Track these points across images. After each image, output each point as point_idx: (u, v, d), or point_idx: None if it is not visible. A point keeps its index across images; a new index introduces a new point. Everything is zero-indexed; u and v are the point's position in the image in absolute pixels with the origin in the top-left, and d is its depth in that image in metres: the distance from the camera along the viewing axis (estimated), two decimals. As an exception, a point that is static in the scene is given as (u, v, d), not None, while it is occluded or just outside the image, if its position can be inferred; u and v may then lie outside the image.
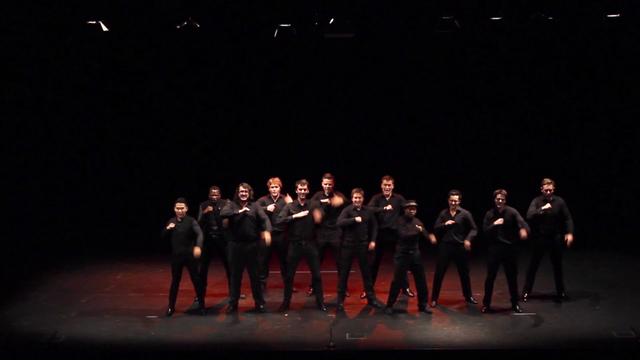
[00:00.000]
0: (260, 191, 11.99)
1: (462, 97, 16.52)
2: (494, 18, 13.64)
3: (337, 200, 11.61)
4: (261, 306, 11.31)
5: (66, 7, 13.51)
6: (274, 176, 11.94)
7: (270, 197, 11.91)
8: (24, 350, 10.09)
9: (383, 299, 11.76)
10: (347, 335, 10.48)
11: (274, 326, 10.87)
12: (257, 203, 11.46)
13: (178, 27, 13.76)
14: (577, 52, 15.95)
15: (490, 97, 16.51)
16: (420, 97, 16.57)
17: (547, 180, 11.64)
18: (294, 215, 11.09)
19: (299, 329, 10.78)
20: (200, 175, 16.68)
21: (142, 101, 16.53)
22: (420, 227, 11.05)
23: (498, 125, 16.59)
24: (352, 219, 11.15)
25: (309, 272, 11.52)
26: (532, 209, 11.55)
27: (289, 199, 11.76)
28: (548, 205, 11.45)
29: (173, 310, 11.24)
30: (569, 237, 11.47)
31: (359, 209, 11.26)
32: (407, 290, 12.10)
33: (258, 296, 11.34)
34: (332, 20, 13.50)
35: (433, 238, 11.17)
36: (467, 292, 11.72)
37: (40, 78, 15.75)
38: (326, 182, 11.88)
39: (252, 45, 15.76)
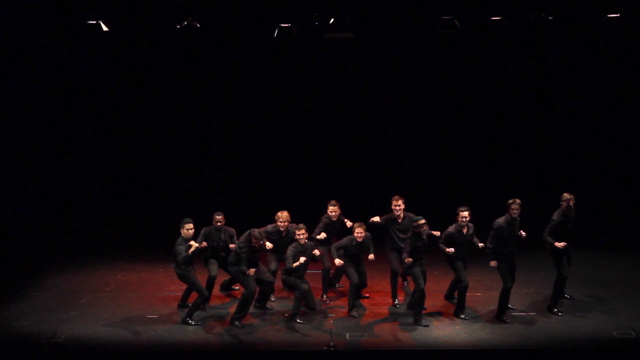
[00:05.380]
0: (262, 193, 11.92)
1: (461, 97, 16.50)
2: (494, 18, 13.64)
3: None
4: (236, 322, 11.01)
5: (66, 7, 13.50)
6: (282, 209, 11.69)
7: (277, 228, 11.63)
8: (24, 350, 10.10)
9: (383, 299, 11.83)
10: (347, 335, 10.51)
11: (274, 326, 10.89)
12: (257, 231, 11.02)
13: (178, 27, 13.75)
14: (577, 52, 15.93)
15: (489, 97, 16.49)
16: (419, 97, 16.55)
17: (567, 195, 11.16)
18: (294, 265, 10.95)
19: (299, 328, 10.80)
20: (199, 176, 16.72)
21: (142, 101, 16.49)
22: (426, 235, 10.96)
23: (497, 126, 16.57)
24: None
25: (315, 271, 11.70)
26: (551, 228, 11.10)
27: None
28: (563, 244, 11.01)
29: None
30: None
31: (360, 240, 11.18)
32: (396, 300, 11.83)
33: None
34: (332, 20, 13.51)
35: (449, 250, 10.95)
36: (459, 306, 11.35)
37: (40, 78, 15.73)
38: (332, 210, 11.77)
39: (252, 45, 15.76)
